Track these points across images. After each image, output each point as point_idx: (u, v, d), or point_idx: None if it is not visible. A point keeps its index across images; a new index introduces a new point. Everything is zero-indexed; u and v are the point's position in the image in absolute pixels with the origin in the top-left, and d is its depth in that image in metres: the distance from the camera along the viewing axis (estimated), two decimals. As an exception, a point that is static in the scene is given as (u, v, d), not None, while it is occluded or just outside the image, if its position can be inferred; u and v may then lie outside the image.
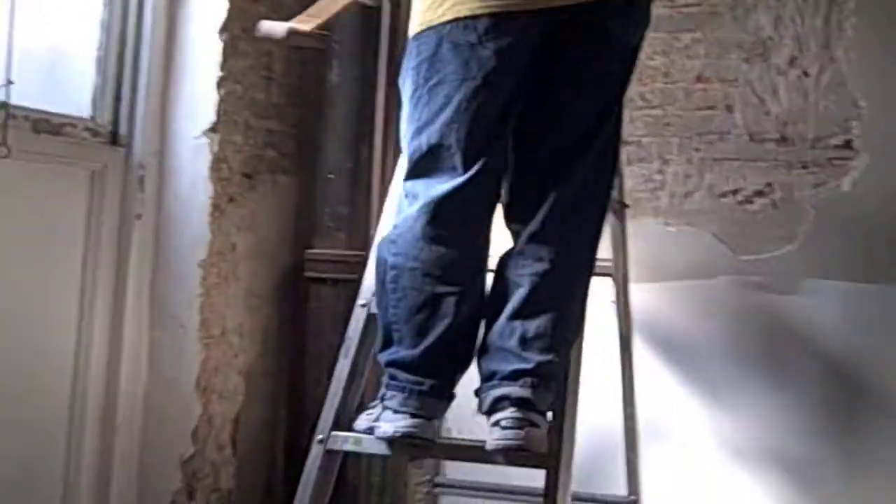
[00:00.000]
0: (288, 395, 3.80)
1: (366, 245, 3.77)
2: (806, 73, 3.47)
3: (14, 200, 2.94)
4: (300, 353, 3.74)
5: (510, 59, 2.08)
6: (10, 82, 2.78)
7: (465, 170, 2.11)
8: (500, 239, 2.27)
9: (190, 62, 3.48)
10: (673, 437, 3.50)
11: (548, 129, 2.20)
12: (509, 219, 2.26)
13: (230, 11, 3.48)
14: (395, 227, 2.23)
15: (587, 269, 2.26)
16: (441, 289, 2.15)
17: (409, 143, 2.21)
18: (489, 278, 2.26)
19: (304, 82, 3.97)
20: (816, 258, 3.41)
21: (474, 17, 2.05)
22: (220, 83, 3.48)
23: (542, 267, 2.16)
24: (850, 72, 3.42)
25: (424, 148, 2.15)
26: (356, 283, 3.65)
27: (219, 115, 3.47)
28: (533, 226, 2.19)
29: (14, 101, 2.81)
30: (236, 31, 3.54)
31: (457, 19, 2.07)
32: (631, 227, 3.26)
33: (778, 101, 3.50)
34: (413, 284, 2.15)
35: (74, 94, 3.26)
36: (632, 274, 3.24)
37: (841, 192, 3.40)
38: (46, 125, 3.05)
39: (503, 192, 2.25)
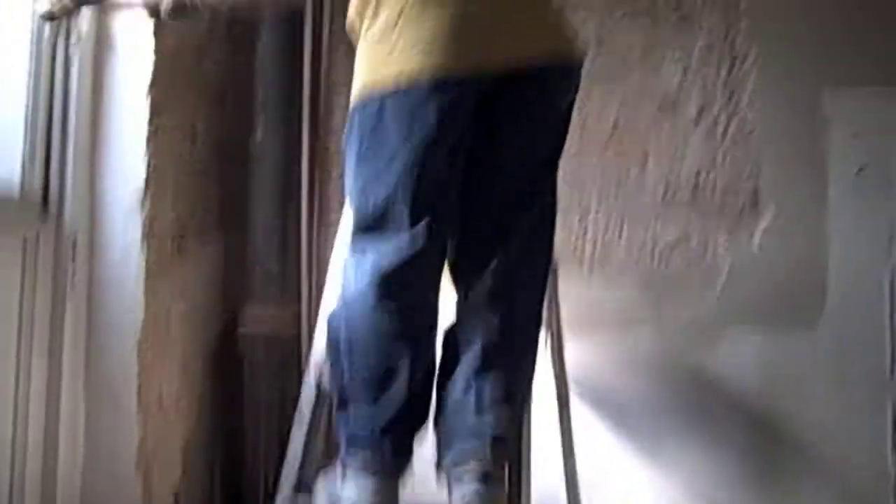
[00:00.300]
0: (226, 462, 3.79)
1: (298, 301, 3.84)
2: (714, 125, 3.65)
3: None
4: (237, 416, 3.75)
5: (452, 119, 2.16)
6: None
7: (412, 227, 2.18)
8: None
9: (118, 122, 3.45)
10: (612, 491, 3.59)
11: (491, 186, 2.29)
12: (456, 277, 2.34)
13: (156, 69, 3.47)
14: (343, 288, 2.28)
15: (537, 323, 2.35)
16: (395, 350, 2.21)
17: (355, 202, 2.25)
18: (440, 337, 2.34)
19: (226, 139, 3.99)
20: (734, 307, 3.55)
21: (416, 78, 2.13)
22: (150, 143, 3.46)
23: (493, 325, 2.25)
24: (756, 123, 3.61)
25: (370, 207, 2.21)
26: (291, 341, 3.75)
27: (149, 175, 3.45)
28: (482, 284, 2.27)
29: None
30: (164, 89, 3.53)
31: (399, 80, 2.14)
32: (552, 279, 3.36)
33: (689, 153, 3.66)
34: (367, 347, 2.21)
35: (4, 160, 3.22)
36: (557, 327, 3.34)
37: (753, 242, 3.58)
38: (-23, 195, 3.04)
39: (448, 250, 2.32)
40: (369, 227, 2.21)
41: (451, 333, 2.34)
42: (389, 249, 2.19)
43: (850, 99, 3.53)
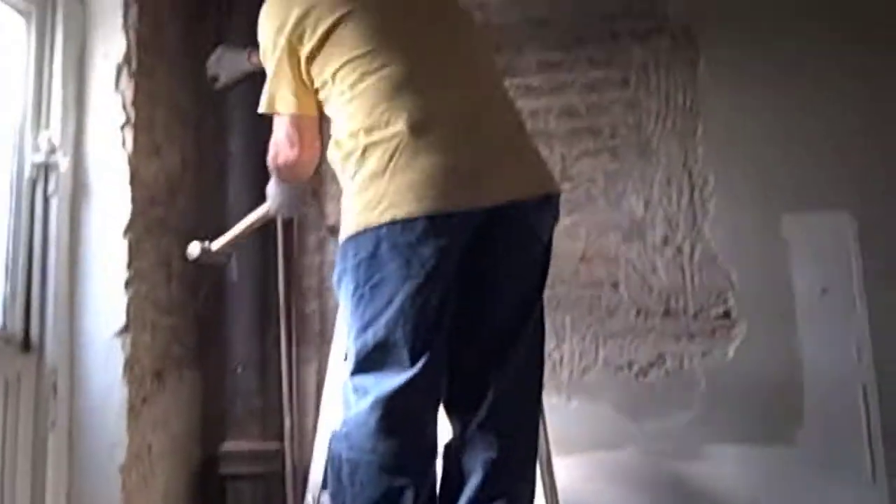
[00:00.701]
0: None
1: (280, 436, 3.83)
2: (679, 251, 3.78)
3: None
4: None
5: (448, 256, 2.21)
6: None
7: (413, 363, 2.19)
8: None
9: (96, 264, 3.53)
10: None
11: (483, 318, 2.33)
12: (452, 408, 2.36)
13: (133, 213, 3.57)
14: (345, 422, 2.28)
15: (534, 449, 2.38)
16: (398, 481, 2.22)
17: (354, 340, 2.26)
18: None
19: (201, 277, 4.05)
20: (713, 424, 3.61)
21: (412, 220, 2.17)
22: (128, 283, 3.54)
23: (492, 454, 2.28)
24: (719, 247, 3.75)
25: (371, 344, 2.22)
26: (274, 477, 3.72)
27: (128, 315, 3.51)
28: (479, 414, 2.30)
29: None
30: (140, 231, 3.63)
31: (394, 221, 2.18)
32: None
33: (658, 277, 3.78)
34: (370, 478, 2.21)
35: (-15, 303, 3.27)
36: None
37: (727, 360, 3.67)
38: (-35, 338, 3.05)
39: (444, 383, 2.33)
40: (369, 367, 2.23)
41: (451, 464, 2.36)
42: (390, 384, 2.20)
43: (809, 222, 3.69)
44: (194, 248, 3.02)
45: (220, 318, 3.97)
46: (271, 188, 2.67)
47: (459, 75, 2.32)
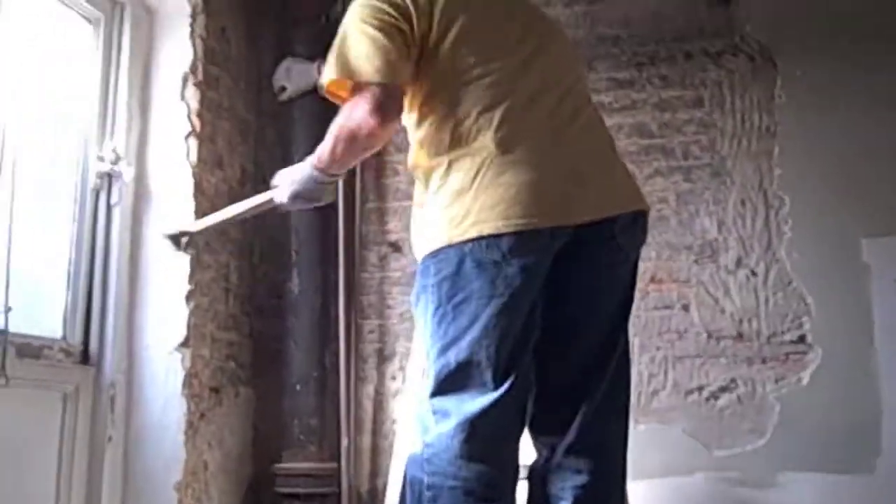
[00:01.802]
0: None
1: (337, 457, 3.76)
2: (753, 273, 3.68)
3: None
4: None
5: (534, 275, 2.13)
6: (8, 309, 2.75)
7: (497, 385, 2.12)
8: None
9: (157, 276, 3.50)
10: None
11: (570, 339, 2.26)
12: (538, 431, 2.28)
13: (196, 224, 3.55)
14: (427, 445, 2.18)
15: (623, 473, 2.30)
16: None
17: (435, 360, 2.18)
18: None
19: (256, 292, 4.01)
20: (786, 451, 3.50)
21: (497, 236, 2.10)
22: (189, 297, 3.51)
23: (582, 479, 2.20)
24: (795, 270, 3.64)
25: (453, 365, 2.14)
26: (331, 497, 3.65)
27: (189, 329, 3.49)
28: (568, 438, 2.22)
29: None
30: (201, 244, 3.60)
31: (480, 237, 2.11)
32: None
33: (730, 299, 3.68)
34: (454, 503, 2.13)
35: (47, 314, 3.24)
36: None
37: (802, 386, 3.55)
38: (29, 349, 3.02)
39: (529, 404, 2.26)
40: (450, 388, 2.15)
41: (537, 488, 2.28)
42: (474, 406, 2.13)
43: (889, 246, 3.57)
44: (169, 229, 2.85)
45: (278, 334, 3.91)
46: (293, 176, 2.42)
47: (549, 91, 2.25)
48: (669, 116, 3.84)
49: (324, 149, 2.28)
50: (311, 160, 2.33)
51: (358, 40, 2.19)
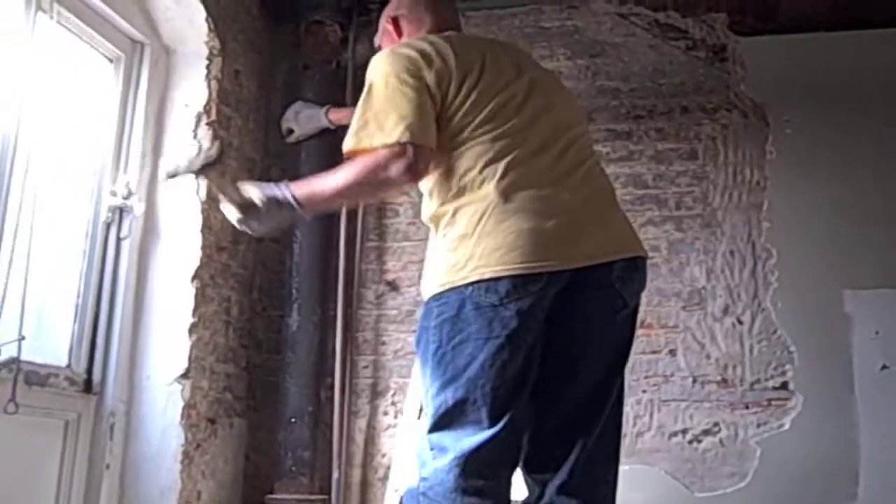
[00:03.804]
0: None
1: (328, 489, 3.84)
2: (739, 321, 3.80)
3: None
4: None
5: (531, 318, 2.20)
6: (22, 338, 2.83)
7: (492, 423, 2.18)
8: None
9: (162, 309, 3.59)
10: None
11: (568, 381, 2.32)
12: (531, 468, 2.35)
13: (201, 259, 3.65)
14: (423, 479, 2.25)
15: None
16: None
17: (433, 398, 2.26)
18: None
19: (255, 326, 4.11)
20: (766, 494, 3.60)
21: (496, 279, 2.17)
22: (192, 329, 3.60)
23: None
24: (780, 319, 3.77)
25: (451, 403, 2.21)
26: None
27: (190, 361, 3.57)
28: (560, 477, 2.29)
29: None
30: (206, 278, 3.70)
31: (480, 281, 2.18)
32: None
33: (716, 346, 3.80)
34: None
35: (53, 342, 3.31)
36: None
37: (783, 432, 3.66)
38: (36, 377, 3.09)
39: (524, 442, 2.32)
40: (447, 425, 2.22)
41: None
42: (470, 443, 2.19)
43: (870, 299, 3.70)
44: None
45: (275, 368, 4.00)
46: (264, 196, 2.34)
47: (553, 144, 2.34)
48: (664, 168, 3.98)
49: (326, 186, 2.31)
50: (291, 192, 2.32)
51: (390, 99, 2.25)
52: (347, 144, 2.29)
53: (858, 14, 3.97)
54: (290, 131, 4.05)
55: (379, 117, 2.25)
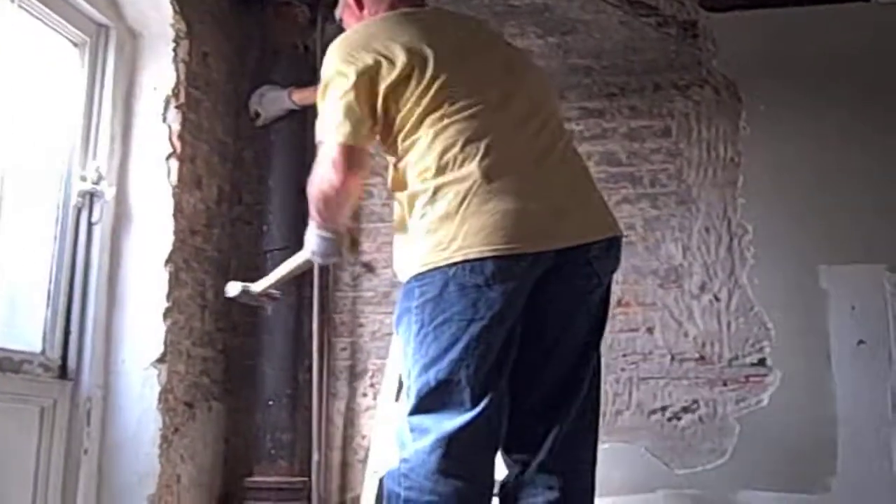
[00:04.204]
0: None
1: (308, 471, 3.84)
2: (716, 298, 3.81)
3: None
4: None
5: (515, 299, 2.20)
6: (-8, 324, 2.81)
7: (474, 405, 2.18)
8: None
9: (135, 293, 3.57)
10: None
11: (545, 360, 2.33)
12: (511, 448, 2.34)
13: (174, 243, 3.62)
14: (404, 460, 2.24)
15: (592, 490, 2.37)
16: None
17: (415, 379, 2.25)
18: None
19: (231, 309, 4.07)
20: (746, 470, 3.62)
21: (481, 260, 2.16)
22: (167, 314, 3.58)
23: (553, 495, 2.27)
24: (756, 296, 3.77)
25: (433, 384, 2.20)
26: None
27: (166, 345, 3.55)
28: (540, 455, 2.29)
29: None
30: (179, 262, 3.67)
31: (464, 261, 2.17)
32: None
33: (694, 323, 3.80)
34: None
35: (27, 328, 3.28)
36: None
37: (761, 407, 3.68)
38: (9, 363, 3.07)
39: (504, 422, 2.31)
40: (429, 407, 2.22)
41: (508, 501, 2.33)
42: (451, 424, 2.20)
43: (846, 274, 3.72)
44: (233, 288, 2.95)
45: (252, 350, 3.98)
46: (310, 236, 2.56)
47: (528, 123, 2.34)
48: (638, 146, 3.98)
49: (312, 210, 2.43)
50: (313, 219, 2.47)
51: (331, 102, 2.31)
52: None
53: (828, -13, 3.96)
54: (258, 114, 4.03)
55: (321, 120, 2.34)
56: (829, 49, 3.94)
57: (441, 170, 2.23)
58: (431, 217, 2.23)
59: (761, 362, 3.72)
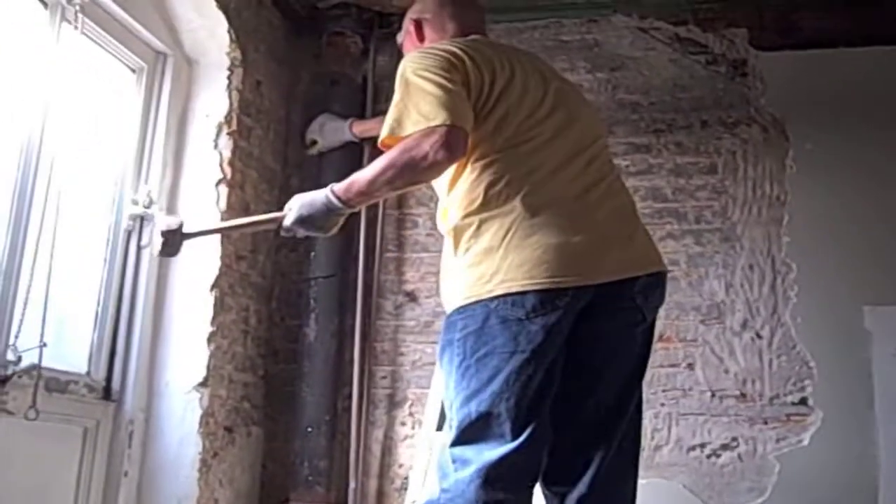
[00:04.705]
0: None
1: (344, 499, 3.85)
2: (758, 335, 3.79)
3: (14, 460, 2.94)
4: None
5: (556, 333, 2.21)
6: (43, 344, 2.84)
7: (515, 437, 2.19)
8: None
9: (181, 317, 3.61)
10: None
11: (587, 394, 2.33)
12: (550, 481, 2.35)
13: (220, 268, 3.67)
14: (444, 490, 2.25)
15: None
16: None
17: (457, 410, 2.26)
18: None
19: (273, 335, 4.12)
20: (786, 511, 3.60)
21: (523, 294, 2.18)
22: (210, 338, 3.62)
23: None
24: (799, 335, 3.76)
25: (474, 416, 2.21)
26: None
27: (208, 369, 3.58)
28: (579, 490, 2.29)
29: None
30: (225, 287, 3.72)
31: (506, 295, 2.19)
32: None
33: (735, 360, 3.79)
34: None
35: (73, 349, 3.33)
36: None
37: (802, 447, 3.65)
38: (56, 384, 3.11)
39: (544, 455, 2.31)
40: (470, 438, 2.22)
41: None
42: (491, 455, 2.20)
43: (890, 315, 3.68)
44: (169, 222, 2.69)
45: (292, 377, 4.01)
46: (304, 200, 2.41)
47: (577, 158, 2.36)
48: (684, 182, 3.99)
49: (362, 175, 2.31)
50: (331, 188, 2.35)
51: (424, 88, 2.23)
52: (382, 134, 2.28)
53: (879, 30, 3.98)
54: (314, 142, 4.08)
55: (410, 108, 2.23)
56: (876, 90, 3.94)
57: (486, 203, 2.26)
58: (475, 250, 2.25)
59: (803, 401, 3.69)
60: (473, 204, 2.27)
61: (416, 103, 2.23)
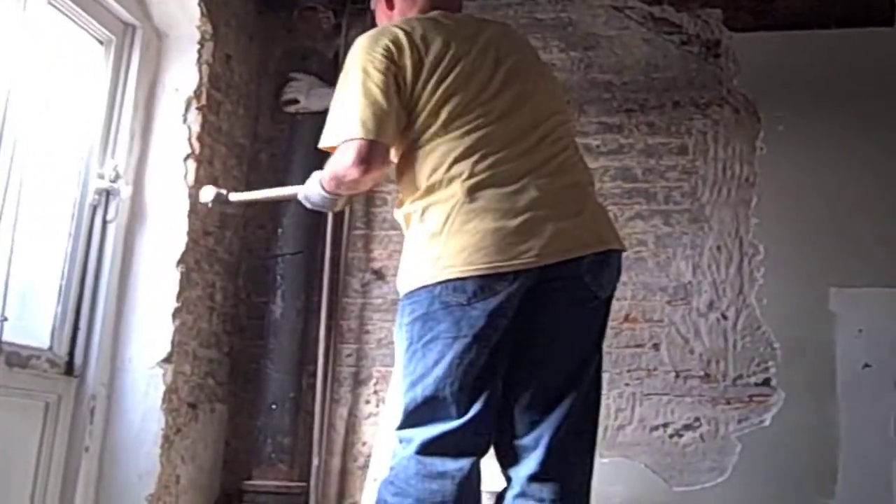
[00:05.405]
0: None
1: (307, 476, 3.84)
2: (724, 316, 3.80)
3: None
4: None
5: (498, 316, 2.22)
6: (4, 319, 2.82)
7: (459, 418, 2.22)
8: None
9: (146, 293, 3.58)
10: None
11: (534, 375, 2.33)
12: (504, 459, 2.35)
13: (187, 244, 3.65)
14: (391, 468, 2.29)
15: (587, 498, 2.37)
16: None
17: (404, 394, 2.29)
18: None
19: (239, 311, 4.11)
20: (745, 490, 3.61)
21: (463, 279, 2.20)
22: (175, 314, 3.60)
23: None
24: (764, 316, 3.77)
25: (420, 399, 2.25)
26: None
27: (173, 345, 3.56)
28: (531, 467, 2.29)
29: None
30: (191, 262, 3.70)
31: (448, 280, 2.21)
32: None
33: (700, 341, 3.80)
34: None
35: (36, 324, 3.31)
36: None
37: (763, 427, 3.67)
38: (18, 358, 3.09)
39: (493, 433, 2.33)
40: (416, 421, 2.26)
41: None
42: (434, 431, 2.23)
43: (855, 297, 3.71)
44: (208, 193, 2.82)
45: (258, 353, 3.99)
46: (311, 182, 2.50)
47: (525, 137, 2.33)
48: (654, 162, 3.98)
49: (323, 176, 2.39)
50: (320, 180, 2.42)
51: (353, 92, 2.27)
52: (322, 142, 2.34)
53: (853, 11, 3.97)
54: (295, 101, 4.03)
55: (338, 116, 2.29)
56: (849, 73, 3.94)
57: (429, 189, 2.27)
58: (422, 236, 2.27)
59: (766, 382, 3.71)
60: (418, 190, 2.28)
61: (345, 111, 2.28)
